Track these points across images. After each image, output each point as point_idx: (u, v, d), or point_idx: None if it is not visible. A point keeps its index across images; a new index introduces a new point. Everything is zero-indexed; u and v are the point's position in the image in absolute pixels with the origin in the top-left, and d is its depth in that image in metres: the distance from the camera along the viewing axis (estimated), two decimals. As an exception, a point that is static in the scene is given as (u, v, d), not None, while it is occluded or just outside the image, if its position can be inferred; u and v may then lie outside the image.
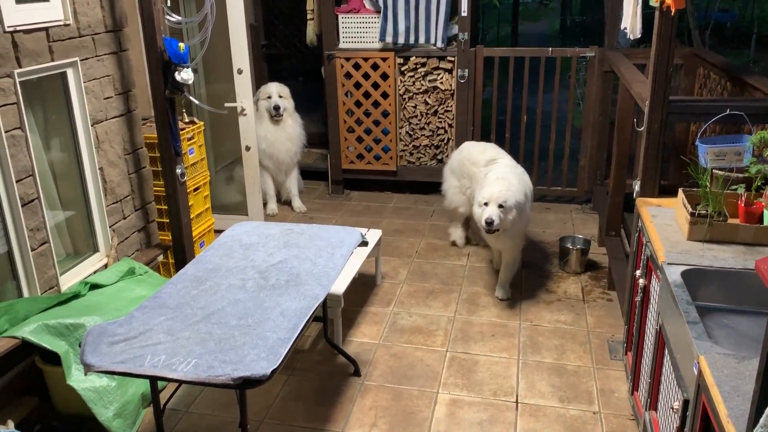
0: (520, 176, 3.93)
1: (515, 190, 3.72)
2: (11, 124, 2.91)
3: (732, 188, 2.67)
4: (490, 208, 3.64)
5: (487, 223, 3.63)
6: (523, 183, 3.91)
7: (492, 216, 3.62)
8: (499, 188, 3.67)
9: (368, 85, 5.53)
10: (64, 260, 3.45)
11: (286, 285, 2.71)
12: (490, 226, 3.63)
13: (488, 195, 3.67)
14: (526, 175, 4.09)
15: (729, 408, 1.68)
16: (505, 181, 3.73)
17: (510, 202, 3.66)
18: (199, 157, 4.33)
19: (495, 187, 3.68)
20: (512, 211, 3.68)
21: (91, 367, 2.20)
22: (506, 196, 3.65)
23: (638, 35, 3.47)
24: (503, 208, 3.65)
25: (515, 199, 3.68)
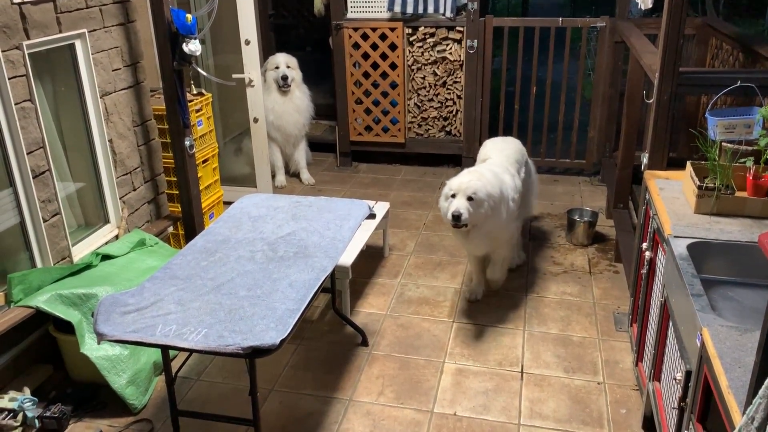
0: (498, 174, 3.50)
1: (487, 182, 3.32)
2: (21, 97, 2.93)
3: (740, 161, 2.66)
4: (458, 200, 3.24)
5: (454, 216, 3.20)
6: (500, 180, 3.46)
7: (460, 208, 3.20)
8: (468, 178, 3.29)
9: (376, 56, 5.49)
10: (76, 231, 3.49)
11: (294, 257, 2.74)
12: (457, 220, 3.21)
13: (456, 185, 3.27)
14: (513, 178, 3.66)
15: (730, 379, 1.70)
16: (476, 173, 3.36)
17: (481, 194, 3.25)
18: (208, 129, 4.34)
19: (464, 178, 3.31)
20: (483, 204, 3.27)
21: (104, 336, 2.24)
22: (476, 187, 3.24)
23: (650, 5, 3.43)
24: (473, 201, 3.24)
25: (486, 191, 3.28)
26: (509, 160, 3.77)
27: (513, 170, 3.71)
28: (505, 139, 4.09)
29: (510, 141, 4.03)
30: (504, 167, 3.66)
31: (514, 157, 3.84)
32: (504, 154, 3.81)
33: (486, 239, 3.47)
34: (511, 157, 3.82)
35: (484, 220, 3.32)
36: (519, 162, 3.87)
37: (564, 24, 5.22)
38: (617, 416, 2.87)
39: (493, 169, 3.56)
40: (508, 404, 2.96)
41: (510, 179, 3.59)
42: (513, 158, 3.82)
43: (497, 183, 3.40)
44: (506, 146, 3.91)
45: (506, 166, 3.69)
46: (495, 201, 3.33)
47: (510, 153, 3.84)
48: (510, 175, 3.62)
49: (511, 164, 3.75)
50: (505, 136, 4.15)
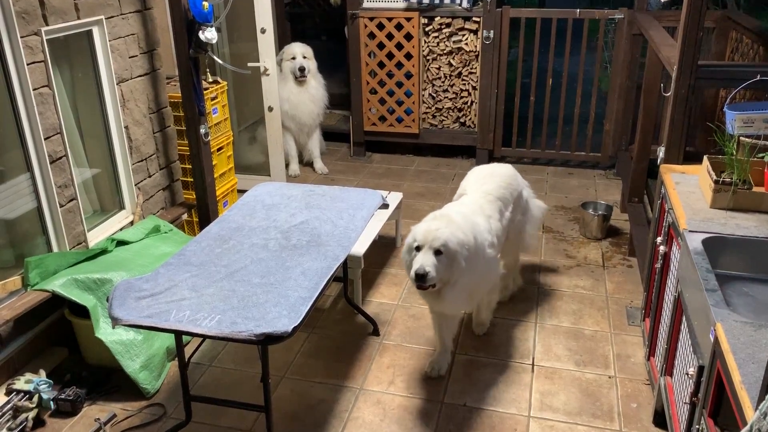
0: (468, 216, 2.92)
1: (457, 228, 2.74)
2: (39, 82, 2.96)
3: (759, 156, 2.63)
4: (423, 254, 2.67)
5: (418, 275, 2.64)
6: (472, 224, 2.88)
7: (425, 265, 2.63)
8: (436, 226, 2.70)
9: (392, 46, 5.48)
10: (91, 217, 3.53)
11: (307, 245, 2.75)
12: (422, 280, 2.64)
13: (421, 235, 2.70)
14: (489, 219, 3.06)
15: (743, 375, 1.69)
16: (445, 218, 2.78)
17: (452, 245, 2.67)
18: (223, 117, 4.35)
19: (431, 225, 2.73)
20: (456, 256, 2.69)
21: (119, 320, 2.27)
22: (445, 237, 2.66)
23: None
24: (442, 254, 2.68)
25: (458, 240, 2.70)
26: (488, 198, 3.15)
27: (491, 209, 3.10)
28: (495, 169, 3.40)
29: (499, 172, 3.35)
30: (478, 206, 3.07)
31: (496, 193, 3.19)
32: (483, 189, 3.20)
33: (463, 295, 2.87)
34: (493, 193, 3.18)
35: (458, 276, 2.76)
36: (504, 199, 3.23)
37: (581, 15, 5.17)
38: (628, 410, 2.87)
39: (463, 210, 2.99)
40: (518, 396, 2.96)
41: (484, 221, 3.00)
42: (495, 195, 3.18)
43: (469, 228, 2.82)
44: (491, 179, 3.28)
45: (481, 204, 3.10)
46: (470, 250, 2.76)
47: (492, 188, 3.21)
48: (484, 217, 3.03)
49: (490, 202, 3.13)
50: (498, 164, 3.51)
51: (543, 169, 5.63)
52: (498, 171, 3.37)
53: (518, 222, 3.42)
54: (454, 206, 3.10)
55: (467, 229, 2.80)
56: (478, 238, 2.87)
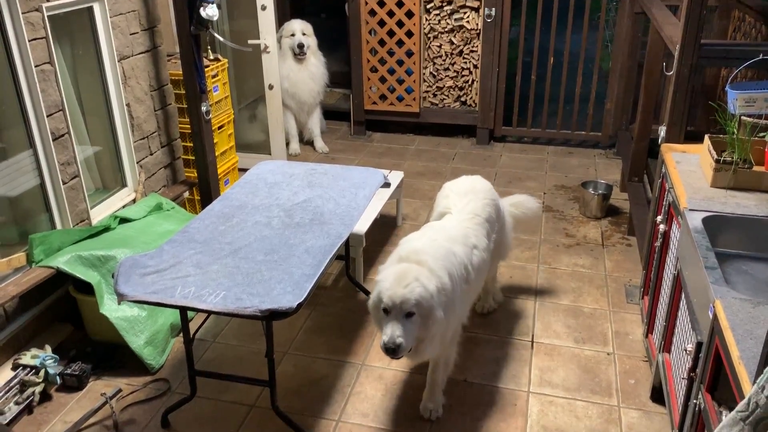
0: (449, 249, 2.52)
1: (431, 273, 2.33)
2: (41, 59, 2.95)
3: (760, 135, 2.64)
4: (392, 324, 2.26)
5: (389, 350, 2.26)
6: (450, 256, 2.49)
7: (394, 337, 2.24)
8: (406, 281, 2.27)
9: (392, 23, 5.45)
10: (94, 194, 3.54)
11: (310, 223, 2.77)
12: (394, 354, 2.27)
13: (388, 297, 2.27)
14: (473, 250, 2.68)
15: (741, 350, 1.73)
16: (413, 269, 2.32)
17: (427, 302, 2.26)
18: (224, 94, 4.35)
19: (401, 280, 2.28)
20: (433, 313, 2.29)
21: (125, 296, 2.29)
22: (419, 296, 2.25)
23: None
24: (415, 316, 2.28)
25: (433, 291, 2.29)
26: (475, 221, 2.78)
27: (478, 237, 2.73)
28: (474, 184, 3.01)
29: (480, 188, 2.98)
30: (462, 234, 2.68)
31: (484, 213, 2.83)
32: (470, 209, 2.82)
33: (434, 343, 2.45)
34: (481, 214, 2.81)
35: (437, 328, 2.36)
36: (491, 220, 2.88)
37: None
38: (626, 386, 2.91)
39: (440, 239, 2.57)
40: (518, 372, 3.00)
41: (465, 252, 2.59)
42: (483, 216, 2.82)
43: (446, 265, 2.43)
44: (474, 197, 2.89)
45: (467, 230, 2.71)
46: (448, 294, 2.38)
47: (479, 207, 2.84)
48: (467, 248, 2.63)
49: (478, 226, 2.77)
50: (473, 177, 3.10)
51: (543, 149, 5.64)
52: (479, 187, 2.98)
53: (499, 234, 3.07)
54: (433, 232, 2.66)
55: (442, 268, 2.39)
56: (456, 275, 2.47)
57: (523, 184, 4.93)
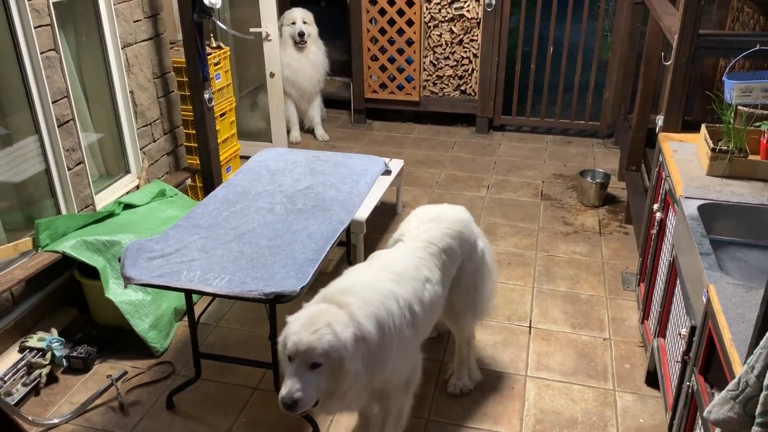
0: (380, 291, 2.14)
1: (349, 320, 1.99)
2: (46, 46, 2.98)
3: (756, 125, 2.69)
4: (291, 377, 1.94)
5: (285, 405, 1.92)
6: (381, 298, 2.12)
7: (293, 392, 1.91)
8: (314, 327, 1.94)
9: (393, 12, 5.46)
10: (98, 180, 3.58)
11: (312, 210, 2.82)
12: (291, 410, 1.92)
13: (293, 343, 1.94)
14: (424, 284, 2.33)
15: (733, 333, 1.78)
16: (329, 312, 2.01)
17: (337, 351, 1.93)
18: (226, 82, 4.37)
19: (307, 330, 1.95)
20: (344, 366, 1.95)
21: (131, 279, 2.34)
22: (328, 344, 1.91)
23: (672, -34, 3.39)
24: (322, 367, 1.94)
25: (348, 341, 1.95)
26: (429, 250, 2.43)
27: (430, 268, 2.38)
28: (445, 211, 2.64)
29: (449, 216, 2.61)
30: (412, 264, 2.34)
31: (442, 243, 2.47)
32: (426, 237, 2.47)
33: (347, 399, 2.09)
34: (437, 243, 2.46)
35: (351, 383, 2.00)
36: (451, 252, 2.50)
37: (584, -17, 5.16)
38: (621, 370, 2.97)
39: (383, 276, 2.23)
40: (515, 357, 3.06)
41: (408, 289, 2.24)
42: (439, 246, 2.46)
43: (376, 310, 2.07)
44: (437, 225, 2.53)
45: (418, 261, 2.37)
46: (373, 345, 2.02)
47: (437, 236, 2.48)
48: (416, 281, 2.29)
49: (432, 256, 2.42)
50: (450, 205, 2.73)
51: (542, 138, 5.68)
52: (448, 214, 2.61)
53: (469, 280, 2.65)
54: (377, 266, 2.33)
55: (369, 315, 2.03)
56: (392, 322, 2.11)
57: (522, 173, 4.97)
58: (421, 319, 2.30)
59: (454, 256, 2.54)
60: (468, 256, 2.63)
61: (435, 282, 2.40)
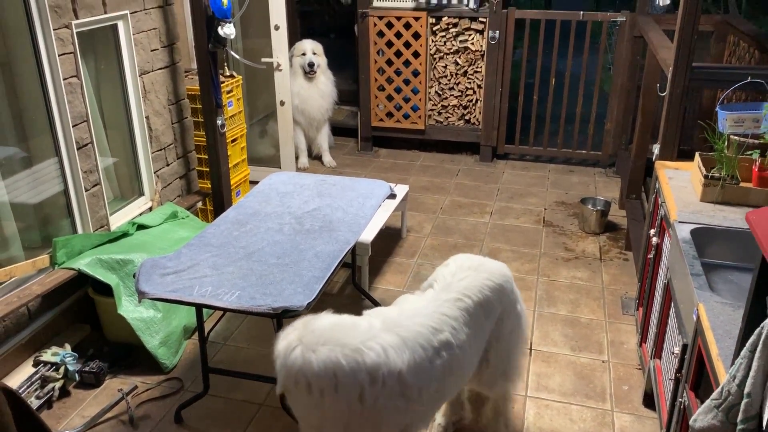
0: (363, 350, 1.90)
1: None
2: (69, 72, 3.13)
3: (747, 153, 2.79)
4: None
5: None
6: (355, 363, 1.87)
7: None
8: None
9: (400, 44, 5.64)
10: (113, 202, 3.71)
11: (319, 230, 2.93)
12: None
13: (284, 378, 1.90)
14: (448, 330, 2.12)
15: (720, 348, 1.86)
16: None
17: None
18: (237, 109, 4.53)
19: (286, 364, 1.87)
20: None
21: (146, 294, 2.44)
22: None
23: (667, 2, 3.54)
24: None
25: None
26: (461, 304, 2.20)
27: (454, 330, 2.13)
28: (485, 262, 2.43)
29: (492, 266, 2.41)
30: (431, 325, 2.09)
31: (479, 296, 2.24)
32: (462, 285, 2.25)
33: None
34: (474, 295, 2.23)
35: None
36: (487, 307, 2.27)
37: (585, 18, 5.33)
38: (619, 392, 3.03)
39: (370, 333, 1.97)
40: (516, 377, 3.13)
41: (393, 356, 1.94)
42: (475, 298, 2.23)
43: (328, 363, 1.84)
44: (475, 273, 2.32)
45: (444, 317, 2.13)
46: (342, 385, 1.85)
47: (474, 285, 2.26)
48: (423, 351, 2.02)
49: (461, 312, 2.18)
50: (491, 259, 2.50)
51: (545, 167, 5.80)
52: (489, 266, 2.40)
53: (504, 342, 2.42)
54: (387, 321, 2.07)
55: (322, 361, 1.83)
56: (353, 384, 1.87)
57: (525, 200, 5.08)
58: (418, 389, 2.01)
59: (491, 312, 2.29)
60: (507, 314, 2.38)
61: (458, 346, 2.12)
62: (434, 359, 2.07)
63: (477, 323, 2.23)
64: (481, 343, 2.31)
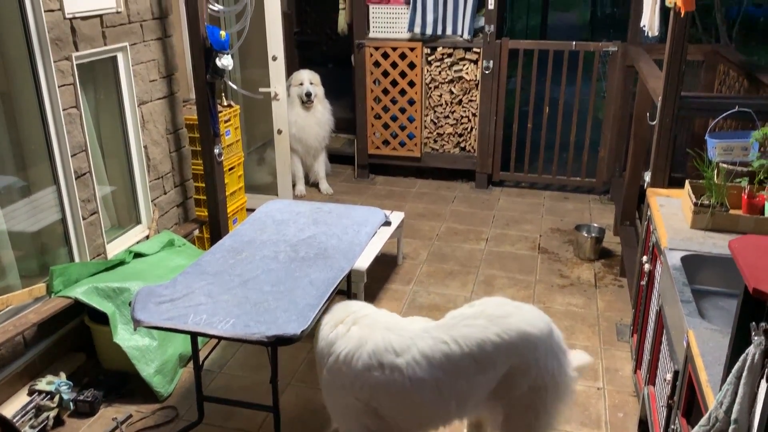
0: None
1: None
2: (68, 103, 3.19)
3: (736, 181, 2.83)
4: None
5: None
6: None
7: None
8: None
9: (396, 74, 5.73)
10: (110, 230, 3.73)
11: (314, 258, 2.95)
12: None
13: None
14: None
15: (710, 374, 1.88)
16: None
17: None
18: (235, 138, 4.58)
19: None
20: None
21: (141, 322, 2.46)
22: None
23: (656, 33, 3.62)
24: None
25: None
26: (418, 341, 2.22)
27: (381, 348, 2.22)
28: (509, 315, 2.29)
29: (505, 324, 2.25)
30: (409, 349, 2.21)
31: (474, 348, 2.19)
32: (457, 332, 2.24)
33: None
34: (466, 344, 2.20)
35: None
36: (485, 363, 2.21)
37: (577, 48, 5.43)
38: (615, 419, 3.03)
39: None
40: (511, 404, 3.12)
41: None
42: (467, 349, 2.19)
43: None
44: (487, 321, 2.25)
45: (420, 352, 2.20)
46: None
47: (474, 333, 2.22)
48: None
49: (407, 342, 2.22)
50: (532, 312, 2.36)
51: (540, 193, 5.84)
52: (515, 320, 2.27)
53: (518, 405, 2.34)
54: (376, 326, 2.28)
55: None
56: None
57: (520, 227, 5.11)
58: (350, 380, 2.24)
59: (489, 367, 2.23)
60: (523, 374, 2.27)
61: (409, 377, 2.18)
62: (372, 370, 2.22)
63: (459, 371, 2.21)
64: (463, 393, 2.25)
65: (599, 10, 18.13)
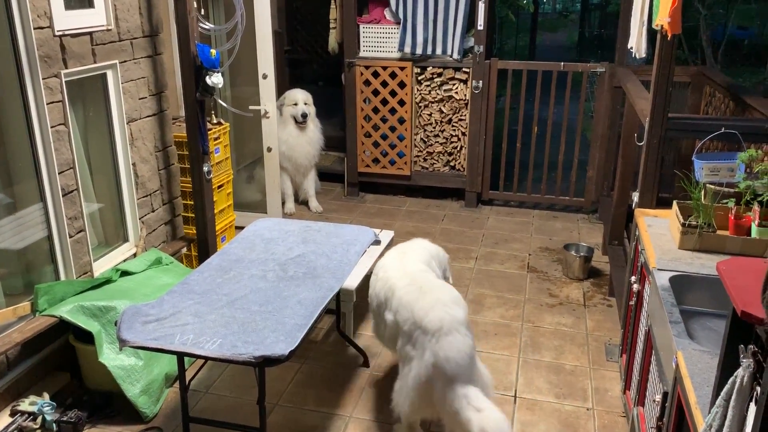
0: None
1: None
2: (56, 120, 3.17)
3: (723, 202, 2.85)
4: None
5: None
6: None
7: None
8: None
9: (386, 93, 5.76)
10: (97, 248, 3.70)
11: (303, 277, 2.93)
12: None
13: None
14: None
15: (698, 396, 1.88)
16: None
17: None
18: (224, 156, 4.57)
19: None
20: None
21: (127, 342, 2.42)
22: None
23: (643, 55, 3.66)
24: None
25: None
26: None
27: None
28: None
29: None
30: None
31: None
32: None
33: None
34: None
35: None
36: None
37: (566, 68, 5.48)
38: (604, 440, 3.02)
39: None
40: (500, 425, 3.10)
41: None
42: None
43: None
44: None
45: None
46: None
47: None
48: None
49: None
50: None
51: (529, 212, 5.86)
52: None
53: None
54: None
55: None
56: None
57: (509, 246, 5.12)
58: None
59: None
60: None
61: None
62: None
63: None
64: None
65: (587, 31, 18.39)
